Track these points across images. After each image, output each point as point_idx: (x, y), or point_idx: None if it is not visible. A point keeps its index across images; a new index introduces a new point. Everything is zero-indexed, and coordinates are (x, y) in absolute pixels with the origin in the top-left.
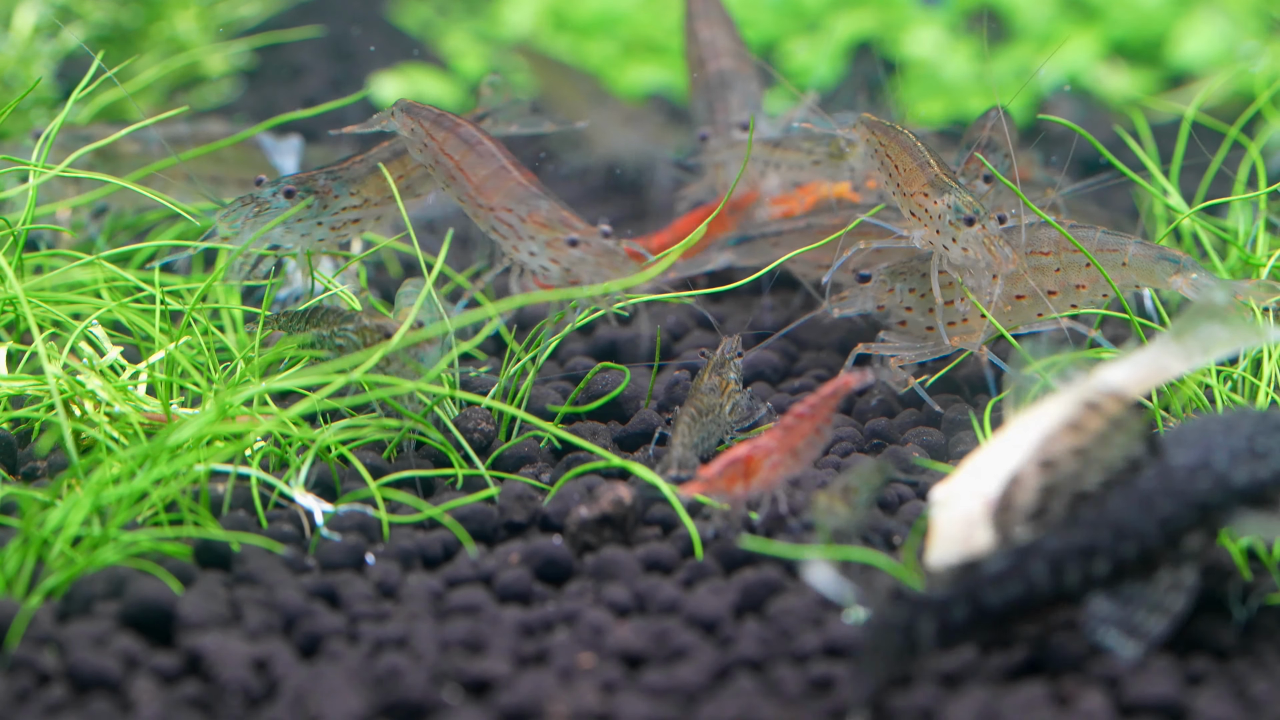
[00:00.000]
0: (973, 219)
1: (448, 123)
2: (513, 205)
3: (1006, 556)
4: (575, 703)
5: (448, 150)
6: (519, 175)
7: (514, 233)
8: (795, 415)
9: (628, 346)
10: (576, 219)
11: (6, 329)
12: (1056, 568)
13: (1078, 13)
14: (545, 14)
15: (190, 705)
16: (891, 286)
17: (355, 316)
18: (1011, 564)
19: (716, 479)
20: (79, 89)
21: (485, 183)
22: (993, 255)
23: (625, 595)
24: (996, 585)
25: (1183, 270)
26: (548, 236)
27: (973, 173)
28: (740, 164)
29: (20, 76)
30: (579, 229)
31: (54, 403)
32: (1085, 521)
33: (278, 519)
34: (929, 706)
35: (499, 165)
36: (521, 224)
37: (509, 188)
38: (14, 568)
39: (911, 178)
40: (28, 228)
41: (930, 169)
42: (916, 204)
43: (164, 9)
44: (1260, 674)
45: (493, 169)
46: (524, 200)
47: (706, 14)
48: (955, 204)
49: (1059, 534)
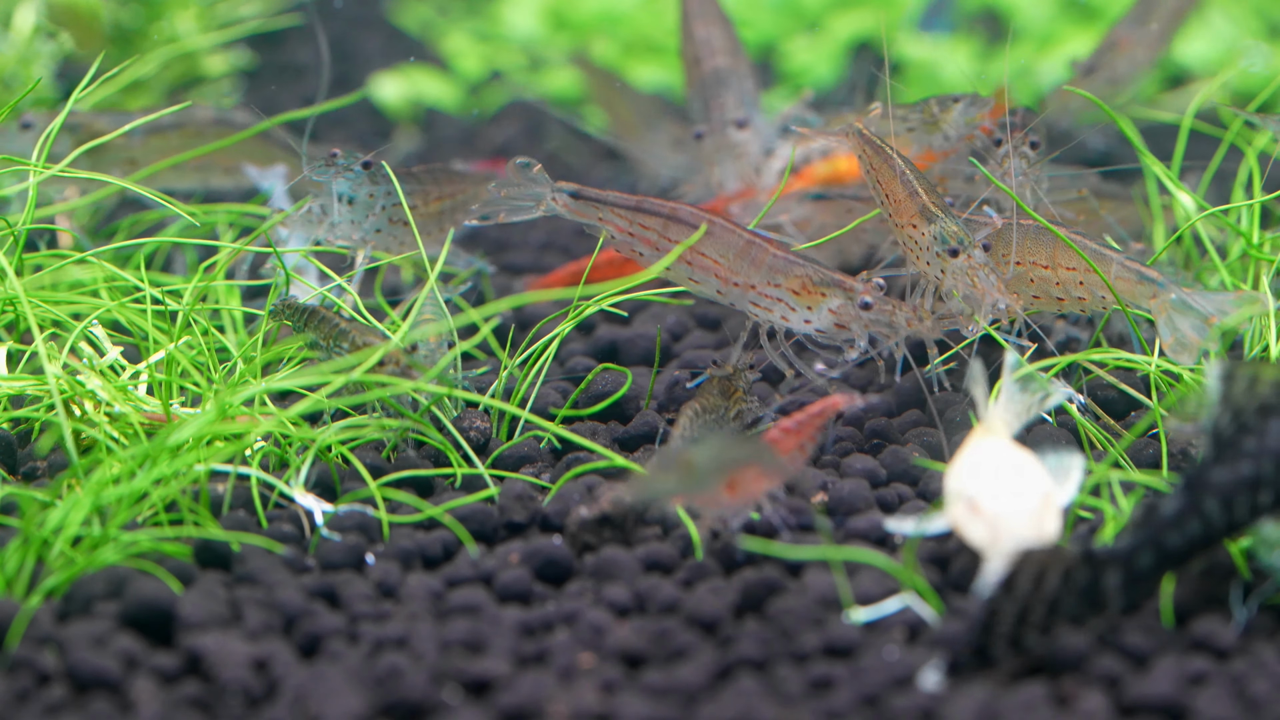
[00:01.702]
0: (957, 250)
1: (665, 209)
2: (775, 279)
3: (1180, 495)
4: (575, 703)
5: (672, 238)
6: (769, 245)
7: (783, 305)
8: (781, 430)
9: (628, 347)
10: (843, 276)
11: (6, 329)
12: (1227, 502)
13: (1078, 12)
14: (545, 14)
15: (190, 705)
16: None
17: (350, 334)
18: (1187, 502)
19: None
20: (79, 89)
21: (736, 263)
22: (976, 287)
23: (625, 595)
24: (1176, 526)
25: (1159, 292)
26: (828, 303)
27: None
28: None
29: (20, 76)
30: (854, 285)
31: (54, 403)
32: (1248, 452)
33: (278, 519)
34: (929, 706)
35: (744, 240)
36: (794, 296)
37: (765, 261)
38: (14, 568)
39: (901, 208)
40: (28, 227)
41: (919, 198)
42: (906, 235)
43: (164, 9)
44: (1260, 674)
45: (738, 245)
46: (784, 269)
47: (703, 12)
48: (941, 234)
49: (1226, 467)
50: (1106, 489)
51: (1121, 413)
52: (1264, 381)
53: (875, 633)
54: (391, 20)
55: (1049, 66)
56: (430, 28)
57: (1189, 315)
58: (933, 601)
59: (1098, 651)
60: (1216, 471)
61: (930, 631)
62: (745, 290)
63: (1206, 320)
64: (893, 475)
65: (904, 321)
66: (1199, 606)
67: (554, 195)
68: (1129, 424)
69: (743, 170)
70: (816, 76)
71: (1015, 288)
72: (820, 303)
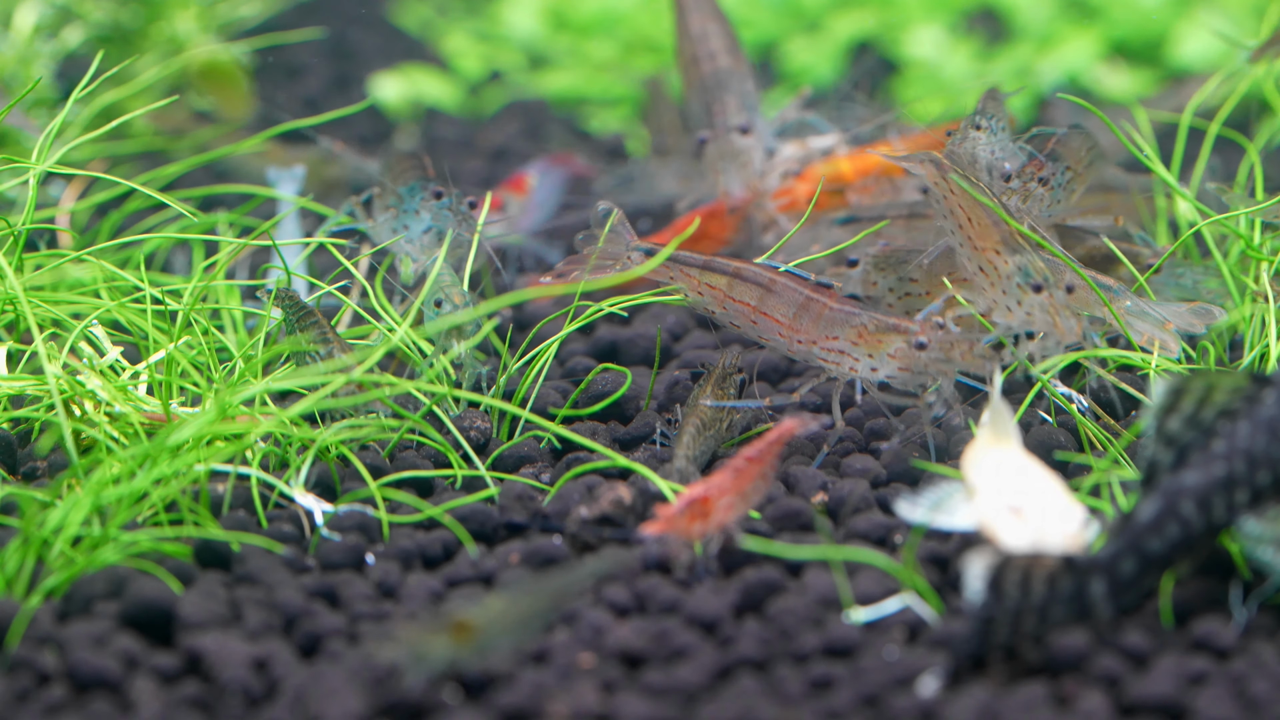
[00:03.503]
0: (1040, 286)
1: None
2: (834, 331)
3: (1155, 501)
4: (575, 703)
5: (737, 297)
6: (828, 298)
7: (847, 357)
8: (745, 459)
9: (628, 347)
10: (900, 319)
11: (6, 329)
12: (1204, 503)
13: (1078, 12)
14: (545, 14)
15: (190, 705)
16: (874, 280)
17: (331, 349)
18: (1163, 507)
19: (678, 518)
20: (79, 89)
21: (799, 320)
22: (1057, 327)
23: (625, 595)
24: (1155, 531)
25: (1115, 299)
26: (887, 348)
27: (1029, 175)
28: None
29: (20, 76)
30: (909, 327)
31: (54, 403)
32: (1218, 454)
33: (278, 519)
34: (929, 706)
35: (804, 296)
36: (855, 346)
37: (824, 315)
38: (14, 568)
39: (984, 232)
40: (29, 227)
41: (1004, 226)
42: (986, 260)
43: (164, 9)
44: (1260, 674)
45: (799, 301)
46: (842, 321)
47: (699, 7)
48: (1025, 267)
49: (1197, 470)
50: (1106, 489)
51: (1122, 412)
52: (1221, 390)
53: (875, 633)
54: (391, 20)
55: (1049, 66)
56: (430, 28)
57: (1145, 319)
58: (933, 601)
59: (1098, 651)
60: (1189, 474)
61: (930, 631)
62: (809, 346)
63: (1163, 325)
64: (893, 475)
65: (961, 357)
66: (1199, 606)
67: (630, 254)
68: (1128, 423)
69: (747, 177)
70: (816, 76)
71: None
72: (880, 349)
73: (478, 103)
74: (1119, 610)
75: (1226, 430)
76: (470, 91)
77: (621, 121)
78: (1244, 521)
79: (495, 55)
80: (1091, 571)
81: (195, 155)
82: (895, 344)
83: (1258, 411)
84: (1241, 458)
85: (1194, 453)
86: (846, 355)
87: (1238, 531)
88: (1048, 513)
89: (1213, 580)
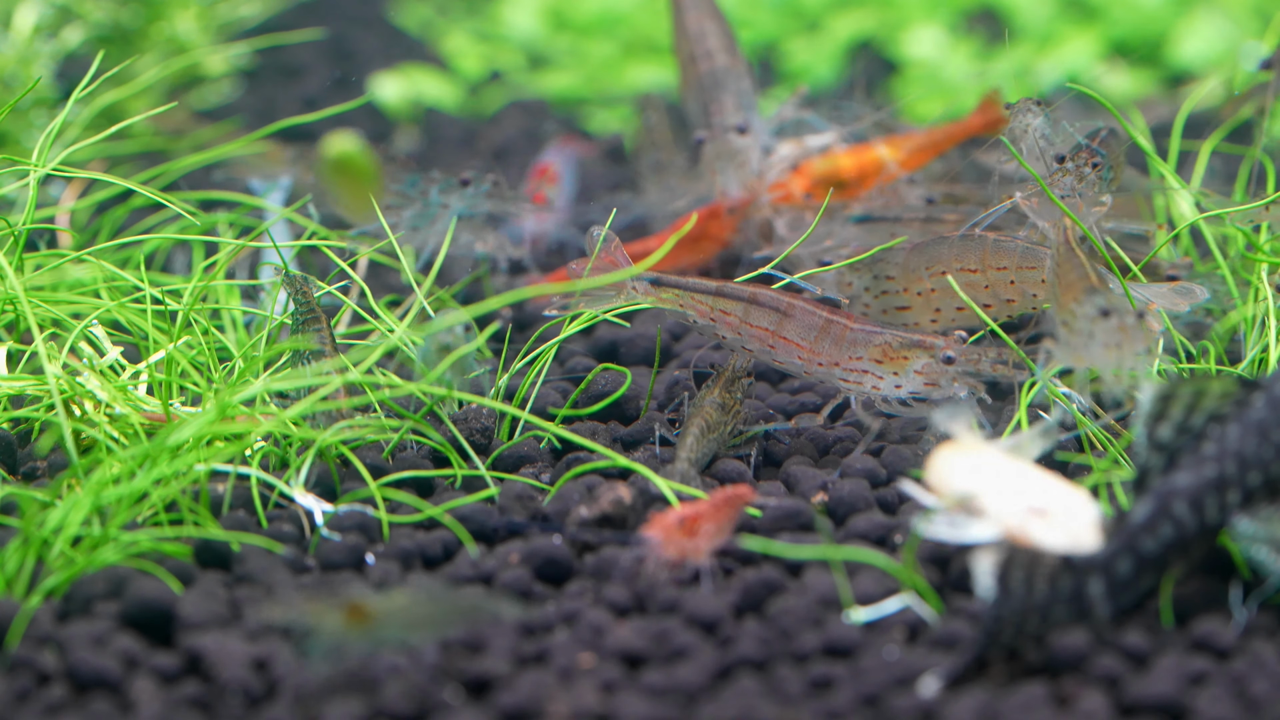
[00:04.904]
0: (1108, 311)
1: (745, 294)
2: (857, 351)
3: (1148, 502)
4: (575, 703)
5: (754, 323)
6: (847, 320)
7: (870, 376)
8: (713, 504)
9: (628, 346)
10: (923, 335)
11: (6, 329)
12: (1196, 503)
13: (1078, 12)
14: (545, 14)
15: (190, 705)
16: (849, 280)
17: (323, 351)
18: (1156, 508)
19: (674, 529)
20: (79, 89)
21: (819, 343)
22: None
23: (625, 595)
24: (1149, 531)
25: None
26: (912, 365)
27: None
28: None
29: (20, 76)
30: (934, 342)
31: (54, 403)
32: (1209, 456)
33: (278, 519)
34: (929, 706)
35: (823, 319)
36: (878, 365)
37: (845, 336)
38: (14, 568)
39: (1070, 286)
40: (29, 227)
41: (1088, 279)
42: (1069, 311)
43: (164, 9)
44: (1260, 674)
45: (818, 325)
46: (864, 340)
47: (696, 5)
48: (1100, 303)
49: (1189, 471)
50: (1106, 489)
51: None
52: (1210, 395)
53: (875, 633)
54: (391, 20)
55: (1049, 66)
56: (430, 28)
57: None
58: (933, 601)
59: (1097, 651)
60: (1181, 476)
61: (930, 631)
62: (830, 368)
63: (1147, 306)
64: (893, 475)
65: (989, 368)
66: (1199, 606)
67: (634, 284)
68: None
69: (745, 177)
70: (816, 76)
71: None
72: (905, 366)
73: (478, 103)
74: (1118, 610)
75: (1217, 433)
76: (470, 91)
77: (621, 121)
78: (1238, 521)
79: (495, 55)
80: (1089, 571)
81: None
82: (921, 360)
83: (1247, 414)
84: (1232, 459)
85: (1185, 455)
86: (869, 374)
87: (1232, 531)
88: (1070, 509)
89: (1212, 580)
